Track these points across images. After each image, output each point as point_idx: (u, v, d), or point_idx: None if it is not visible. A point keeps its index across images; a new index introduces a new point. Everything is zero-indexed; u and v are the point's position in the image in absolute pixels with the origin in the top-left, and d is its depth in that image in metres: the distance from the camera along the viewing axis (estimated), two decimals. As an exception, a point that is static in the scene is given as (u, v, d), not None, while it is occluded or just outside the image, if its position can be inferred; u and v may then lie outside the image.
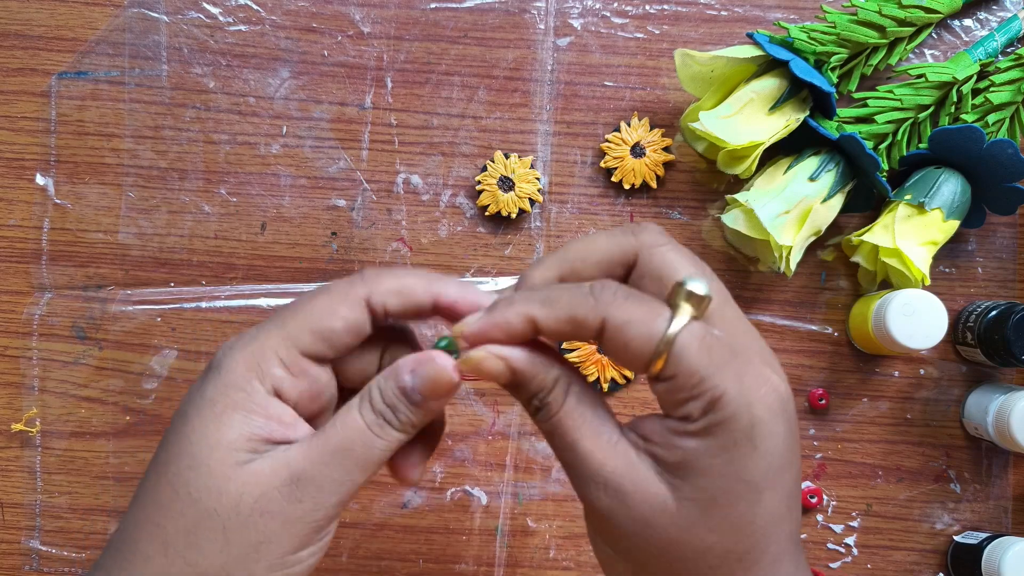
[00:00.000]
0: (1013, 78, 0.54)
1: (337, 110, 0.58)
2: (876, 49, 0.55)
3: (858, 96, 0.55)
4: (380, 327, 0.35)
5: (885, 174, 0.55)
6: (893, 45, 0.55)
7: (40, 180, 0.57)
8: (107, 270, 0.57)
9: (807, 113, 0.53)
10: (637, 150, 0.57)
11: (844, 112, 0.55)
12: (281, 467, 0.32)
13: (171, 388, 0.57)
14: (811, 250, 0.56)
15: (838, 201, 0.53)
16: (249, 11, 0.57)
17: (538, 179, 0.57)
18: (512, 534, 0.57)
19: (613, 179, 0.57)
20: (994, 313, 0.53)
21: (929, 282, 0.52)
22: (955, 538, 0.56)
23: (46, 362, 0.57)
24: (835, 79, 0.54)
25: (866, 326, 0.53)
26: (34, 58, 0.57)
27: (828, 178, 0.53)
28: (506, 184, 0.56)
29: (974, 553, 0.53)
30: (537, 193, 0.57)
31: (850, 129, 0.54)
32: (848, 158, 0.53)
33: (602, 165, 0.57)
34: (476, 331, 0.32)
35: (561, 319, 0.32)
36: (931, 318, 0.50)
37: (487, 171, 0.57)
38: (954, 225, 0.53)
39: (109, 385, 0.57)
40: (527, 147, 0.58)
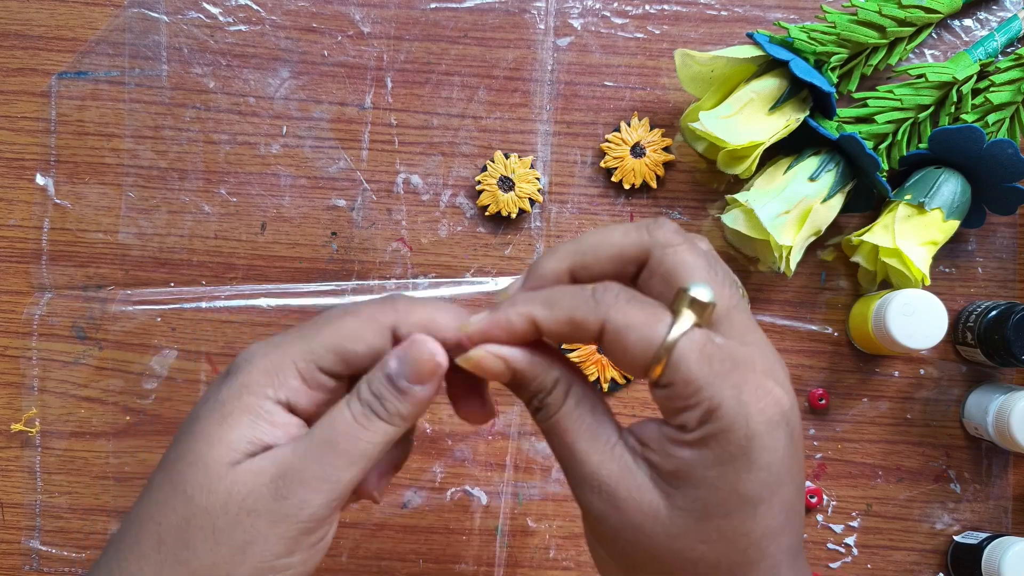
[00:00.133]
0: (1013, 78, 0.54)
1: (337, 110, 0.57)
2: (876, 49, 0.55)
3: (858, 96, 0.55)
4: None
5: (885, 174, 0.55)
6: (893, 45, 0.55)
7: (40, 180, 0.57)
8: (107, 270, 0.57)
9: (807, 113, 0.53)
10: (637, 150, 0.57)
11: (844, 112, 0.55)
12: (269, 465, 0.32)
13: (171, 388, 0.57)
14: (811, 250, 0.56)
15: (838, 201, 0.53)
16: (249, 11, 0.57)
17: (538, 179, 0.57)
18: (512, 534, 0.57)
19: (613, 179, 0.57)
20: (994, 313, 0.53)
21: (929, 282, 0.52)
22: (955, 538, 0.56)
23: (46, 362, 0.57)
24: (835, 79, 0.54)
25: (866, 326, 0.53)
26: (34, 58, 0.57)
27: (828, 178, 0.53)
28: (506, 184, 0.56)
29: (974, 553, 0.53)
30: (537, 193, 0.57)
31: (850, 129, 0.54)
32: (848, 158, 0.53)
33: (602, 165, 0.57)
34: (479, 330, 0.33)
35: (561, 320, 0.32)
36: (931, 318, 0.50)
37: (487, 171, 0.57)
38: (954, 225, 0.53)
39: (109, 385, 0.57)
40: (527, 147, 0.58)
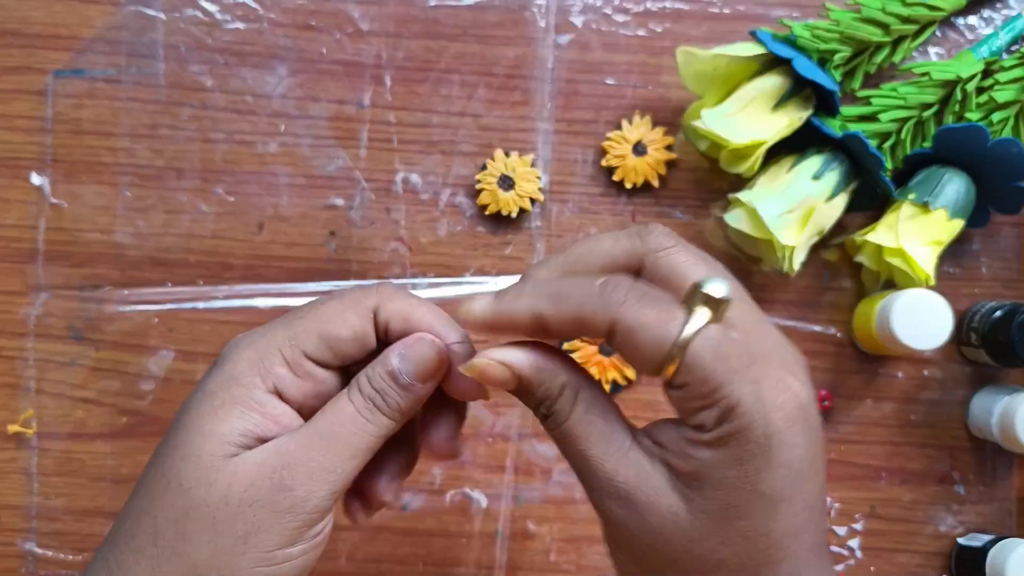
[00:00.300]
0: (1018, 76, 0.53)
1: (335, 108, 0.57)
2: (880, 47, 0.55)
3: (862, 94, 0.55)
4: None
5: (889, 173, 0.55)
6: (897, 43, 0.55)
7: (36, 179, 0.57)
8: (103, 270, 0.56)
9: (810, 111, 0.53)
10: (639, 149, 0.56)
11: (848, 110, 0.55)
12: (271, 456, 0.32)
13: (168, 389, 0.56)
14: (815, 250, 0.56)
15: (842, 200, 0.53)
16: (247, 9, 0.57)
17: (539, 178, 0.56)
18: (512, 537, 0.56)
19: (614, 178, 0.57)
20: (999, 314, 0.52)
21: (934, 282, 0.52)
22: (959, 540, 0.56)
23: (42, 363, 0.56)
24: (839, 77, 0.54)
25: (870, 327, 0.53)
26: (30, 56, 0.57)
27: (832, 177, 0.52)
28: (506, 183, 0.56)
29: (978, 555, 0.53)
30: (538, 192, 0.56)
31: (854, 128, 0.54)
32: (852, 157, 0.53)
33: (603, 164, 0.57)
34: (481, 319, 0.32)
35: (568, 318, 0.30)
36: (936, 318, 0.50)
37: (487, 170, 0.56)
38: (958, 224, 0.53)
39: (105, 386, 0.56)
40: (527, 145, 0.57)
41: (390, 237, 0.57)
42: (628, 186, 0.57)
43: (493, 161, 0.56)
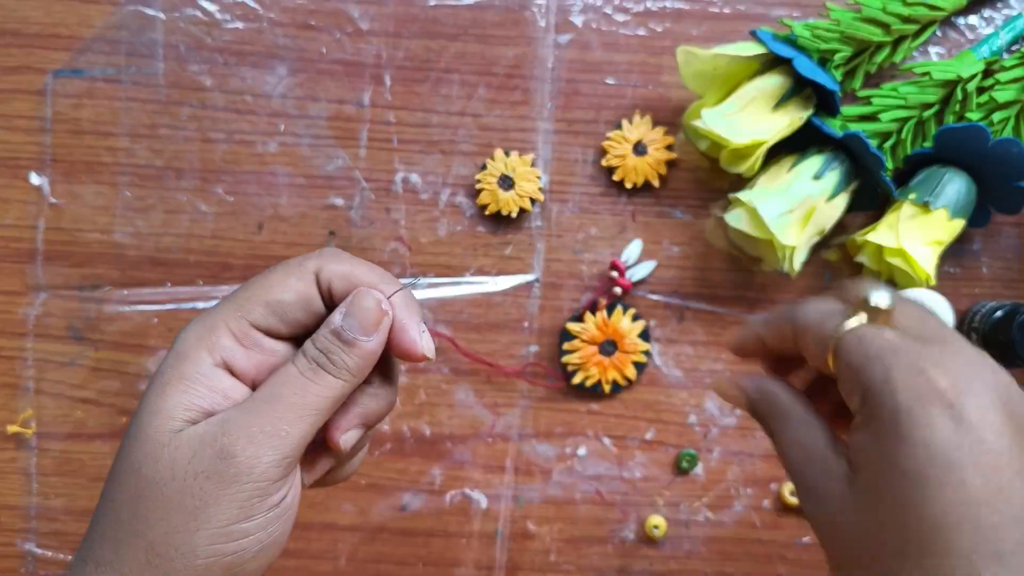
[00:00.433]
0: (1018, 76, 0.53)
1: (335, 108, 0.57)
2: (880, 46, 0.55)
3: (862, 94, 0.55)
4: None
5: (890, 173, 0.55)
6: (897, 43, 0.55)
7: (35, 179, 0.57)
8: (103, 270, 0.56)
9: (811, 111, 0.53)
10: (639, 148, 0.56)
11: (848, 110, 0.55)
12: (213, 426, 0.32)
13: (167, 389, 0.56)
14: (815, 250, 0.56)
15: (842, 200, 0.53)
16: (246, 8, 0.57)
17: (539, 178, 0.56)
18: (512, 537, 0.56)
19: (615, 178, 0.57)
20: (999, 314, 0.52)
21: (934, 282, 0.52)
22: None
23: (41, 363, 0.56)
24: (839, 77, 0.54)
25: (870, 327, 0.53)
26: (30, 56, 0.57)
27: (832, 177, 0.52)
28: (506, 183, 0.56)
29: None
30: (538, 192, 0.56)
31: (854, 127, 0.53)
32: (852, 157, 0.53)
33: (603, 164, 0.57)
34: (729, 344, 0.39)
35: (768, 333, 0.37)
36: (936, 319, 0.50)
37: (487, 169, 0.56)
38: (959, 224, 0.53)
39: (105, 386, 0.56)
40: (527, 145, 0.57)
41: (390, 237, 0.57)
42: (628, 186, 0.57)
43: (493, 161, 0.56)
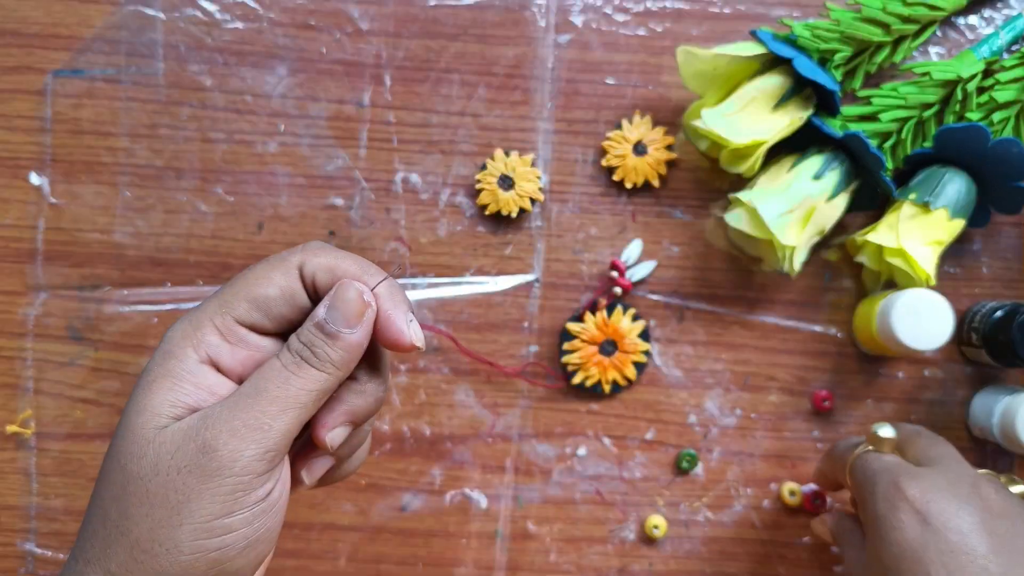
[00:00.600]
0: (1018, 76, 0.53)
1: (335, 108, 0.57)
2: (880, 46, 0.55)
3: (862, 94, 0.55)
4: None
5: (890, 173, 0.55)
6: (898, 42, 0.55)
7: (35, 179, 0.57)
8: (103, 270, 0.56)
9: (811, 111, 0.53)
10: (639, 148, 0.56)
11: (848, 110, 0.54)
12: (196, 421, 0.32)
13: (167, 389, 0.56)
14: (815, 250, 0.56)
15: (842, 200, 0.53)
16: (246, 8, 0.57)
17: (539, 178, 0.56)
18: (512, 537, 0.56)
19: (615, 178, 0.56)
20: (999, 314, 0.52)
21: (934, 282, 0.52)
22: None
23: (41, 363, 0.56)
24: (839, 77, 0.54)
25: (870, 327, 0.53)
26: (29, 56, 0.57)
27: (832, 177, 0.52)
28: (506, 183, 0.56)
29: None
30: (538, 192, 0.56)
31: (854, 127, 0.53)
32: (853, 157, 0.53)
33: (603, 164, 0.57)
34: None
35: (824, 468, 0.52)
36: (937, 319, 0.50)
37: (487, 169, 0.56)
38: (959, 224, 0.53)
39: (105, 386, 0.56)
40: (527, 145, 0.57)
41: (390, 237, 0.57)
42: (628, 186, 0.56)
43: (493, 161, 0.56)
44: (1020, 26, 0.56)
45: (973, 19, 0.57)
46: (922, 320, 0.50)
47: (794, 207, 0.51)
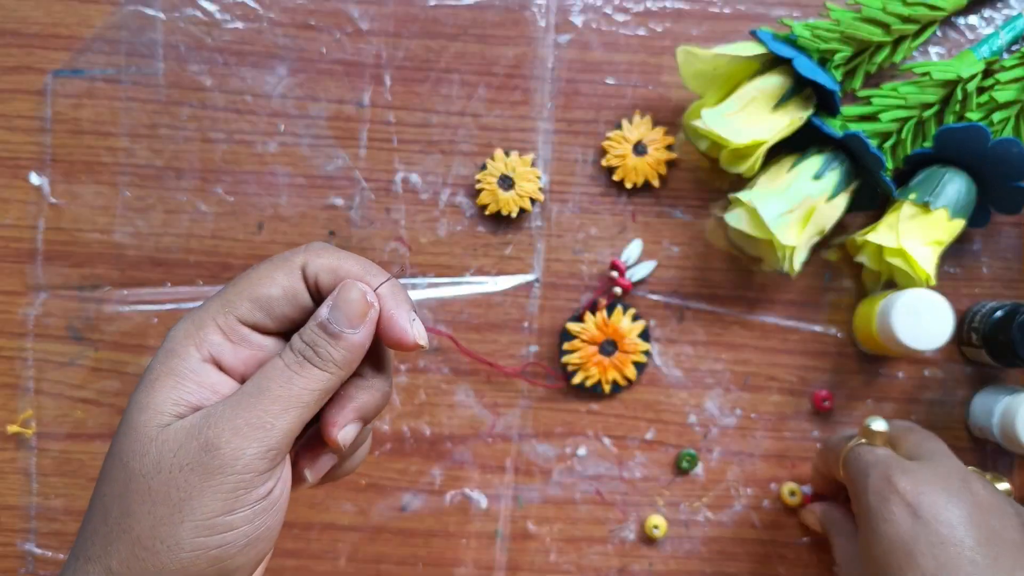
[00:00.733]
0: (1018, 76, 0.53)
1: (335, 108, 0.57)
2: (880, 46, 0.55)
3: (862, 94, 0.55)
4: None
5: (890, 173, 0.55)
6: (898, 42, 0.55)
7: (35, 179, 0.57)
8: (103, 270, 0.56)
9: (811, 111, 0.53)
10: (639, 148, 0.56)
11: (848, 110, 0.54)
12: (199, 419, 0.32)
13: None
14: (815, 250, 0.56)
15: (842, 200, 0.53)
16: (246, 8, 0.57)
17: (539, 178, 0.56)
18: (512, 538, 0.56)
19: (615, 178, 0.56)
20: (999, 314, 0.52)
21: (934, 282, 0.52)
22: None
23: (41, 363, 0.56)
24: (839, 77, 0.54)
25: (870, 327, 0.53)
26: (29, 56, 0.57)
27: (832, 177, 0.52)
28: (506, 183, 0.56)
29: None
30: (538, 192, 0.56)
31: (854, 127, 0.53)
32: (853, 157, 0.53)
33: (603, 164, 0.57)
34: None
35: (818, 462, 0.53)
36: (937, 319, 0.50)
37: (487, 169, 0.56)
38: (959, 224, 0.53)
39: (105, 386, 0.56)
40: (527, 145, 0.57)
41: (390, 237, 0.57)
42: (628, 186, 0.56)
43: (493, 161, 0.56)
44: (1020, 26, 0.56)
45: (973, 19, 0.57)
46: (922, 320, 0.50)
47: (794, 207, 0.51)
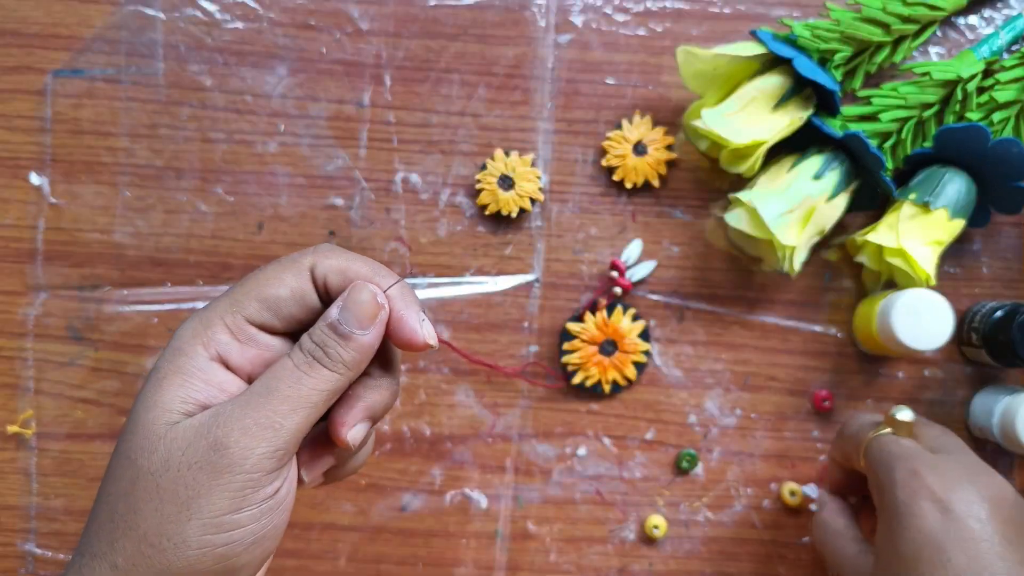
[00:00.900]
0: (1018, 76, 0.53)
1: (335, 108, 0.57)
2: (880, 46, 0.55)
3: (862, 94, 0.55)
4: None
5: (890, 173, 0.55)
6: (898, 42, 0.55)
7: (35, 179, 0.57)
8: (103, 270, 0.56)
9: (811, 111, 0.53)
10: (639, 148, 0.56)
11: (848, 110, 0.54)
12: (208, 418, 0.32)
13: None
14: (815, 250, 0.56)
15: (842, 200, 0.53)
16: (246, 8, 0.57)
17: (539, 178, 0.56)
18: (512, 537, 0.56)
19: (615, 178, 0.56)
20: (999, 314, 0.52)
21: (934, 282, 0.52)
22: None
23: (41, 363, 0.56)
24: (839, 77, 0.54)
25: (870, 327, 0.53)
26: (30, 56, 0.57)
27: (832, 177, 0.52)
28: (506, 183, 0.56)
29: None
30: (538, 192, 0.56)
31: (854, 127, 0.53)
32: (853, 157, 0.53)
33: (603, 164, 0.57)
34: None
35: (835, 450, 0.51)
36: (936, 319, 0.50)
37: (487, 169, 0.56)
38: (959, 224, 0.53)
39: (105, 386, 0.56)
40: (527, 145, 0.57)
41: (390, 237, 0.57)
42: (628, 186, 0.56)
43: (493, 161, 0.56)
44: (1020, 26, 0.56)
45: (973, 19, 0.57)
46: (922, 320, 0.50)
47: (794, 207, 0.51)
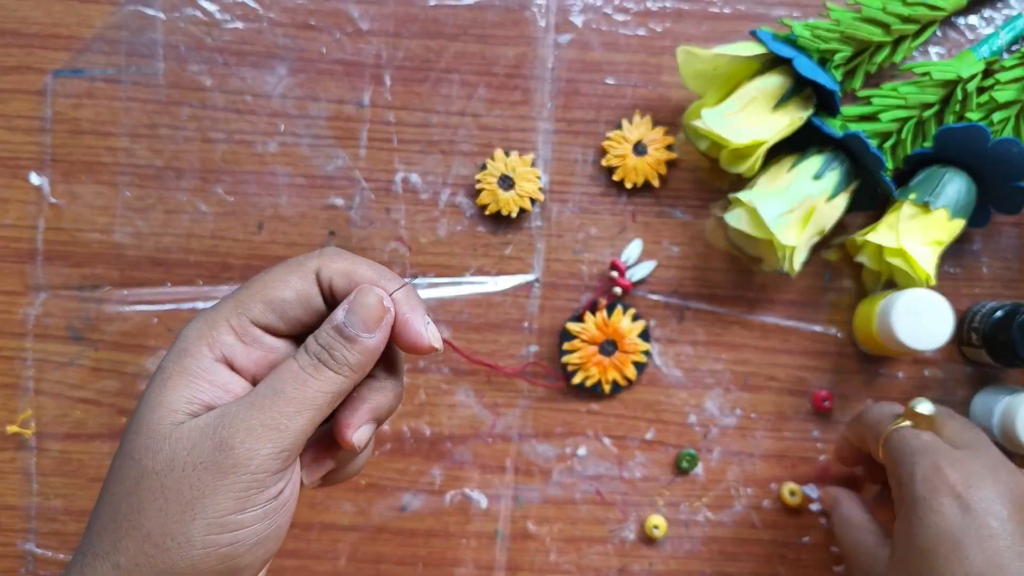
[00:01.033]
0: (1018, 76, 0.53)
1: (335, 108, 0.57)
2: (880, 46, 0.55)
3: (862, 94, 0.55)
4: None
5: (890, 173, 0.55)
6: (898, 42, 0.55)
7: (35, 179, 0.57)
8: (102, 270, 0.56)
9: (811, 111, 0.53)
10: (639, 148, 0.56)
11: (848, 110, 0.54)
12: (213, 418, 0.32)
13: (167, 389, 0.56)
14: (815, 250, 0.56)
15: (842, 200, 0.53)
16: (246, 8, 0.57)
17: (539, 178, 0.56)
18: (512, 537, 0.56)
19: (615, 178, 0.56)
20: (999, 314, 0.52)
21: (934, 282, 0.52)
22: None
23: (41, 363, 0.56)
24: (839, 77, 0.54)
25: (870, 327, 0.53)
26: (29, 56, 0.57)
27: (832, 177, 0.52)
28: (506, 183, 0.56)
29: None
30: (538, 192, 0.56)
31: (854, 127, 0.53)
32: (853, 157, 0.53)
33: (603, 164, 0.57)
34: (835, 457, 0.54)
35: (850, 434, 0.51)
36: (936, 319, 0.50)
37: (487, 169, 0.56)
38: (959, 224, 0.53)
39: (105, 386, 0.56)
40: (527, 145, 0.57)
41: (390, 237, 0.57)
42: (628, 186, 0.56)
43: (493, 161, 0.56)
44: (1020, 26, 0.56)
45: (973, 19, 0.57)
46: (922, 320, 0.50)
47: (794, 207, 0.51)
